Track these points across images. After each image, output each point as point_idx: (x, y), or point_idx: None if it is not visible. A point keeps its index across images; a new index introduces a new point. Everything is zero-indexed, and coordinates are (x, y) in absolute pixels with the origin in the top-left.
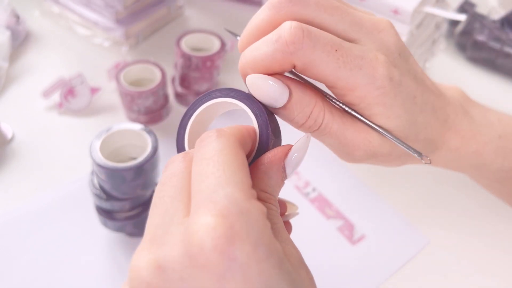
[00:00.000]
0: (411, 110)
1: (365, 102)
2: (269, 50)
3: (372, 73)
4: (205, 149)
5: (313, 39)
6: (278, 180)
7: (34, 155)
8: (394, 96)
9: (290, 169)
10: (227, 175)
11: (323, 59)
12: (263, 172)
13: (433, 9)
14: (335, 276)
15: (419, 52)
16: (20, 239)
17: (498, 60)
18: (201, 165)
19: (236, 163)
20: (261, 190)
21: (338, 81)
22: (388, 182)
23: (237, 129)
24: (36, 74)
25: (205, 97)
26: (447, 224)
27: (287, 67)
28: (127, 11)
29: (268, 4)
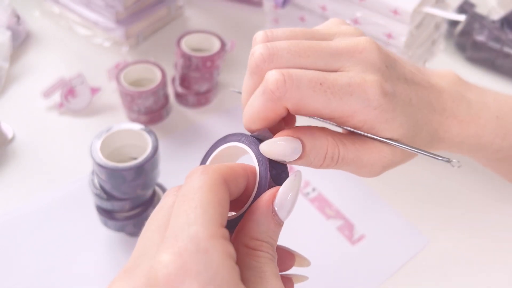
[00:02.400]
0: (410, 113)
1: (368, 124)
2: (260, 103)
3: (364, 96)
4: (187, 186)
5: (295, 80)
6: (270, 226)
7: (34, 155)
8: (393, 109)
9: (284, 212)
10: (197, 214)
11: (311, 95)
12: (252, 219)
13: (432, 9)
14: (335, 276)
15: (419, 52)
16: (21, 239)
17: (497, 60)
18: (179, 202)
19: (211, 201)
20: (251, 238)
21: (333, 112)
22: (388, 182)
23: (227, 167)
24: (37, 74)
25: (221, 140)
26: (447, 224)
27: (281, 112)
28: (127, 11)
29: (248, 71)
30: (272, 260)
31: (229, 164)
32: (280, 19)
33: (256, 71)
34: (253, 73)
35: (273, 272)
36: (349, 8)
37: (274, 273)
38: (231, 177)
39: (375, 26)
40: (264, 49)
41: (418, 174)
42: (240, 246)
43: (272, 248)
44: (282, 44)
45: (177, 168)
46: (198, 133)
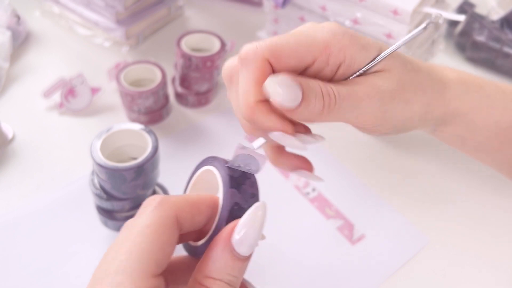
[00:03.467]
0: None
1: (347, 55)
2: (244, 74)
3: (327, 28)
4: (136, 220)
5: (263, 40)
6: (227, 262)
7: (34, 155)
8: (363, 36)
9: (244, 248)
10: (129, 261)
11: (281, 40)
12: (208, 255)
13: (432, 9)
14: (335, 276)
15: (419, 52)
16: (21, 239)
17: (497, 60)
18: (121, 236)
19: (151, 248)
20: (205, 275)
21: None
22: (388, 182)
23: (186, 202)
24: (37, 74)
25: (202, 162)
26: (447, 224)
27: (265, 67)
28: (127, 11)
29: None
30: None
31: (192, 198)
32: (280, 19)
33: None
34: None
35: None
36: (349, 8)
37: None
38: (188, 214)
39: (375, 26)
40: (231, 59)
41: (418, 173)
42: (194, 282)
43: (228, 286)
44: None
45: (177, 168)
46: (198, 133)
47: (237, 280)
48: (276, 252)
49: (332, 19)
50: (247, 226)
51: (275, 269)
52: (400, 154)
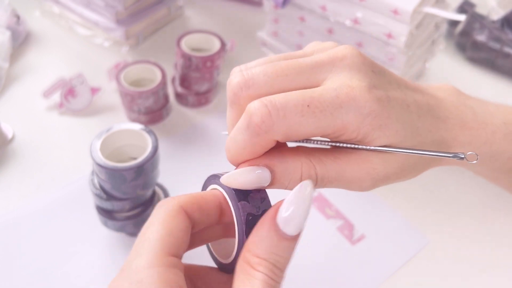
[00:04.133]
0: (409, 119)
1: (361, 134)
2: (246, 138)
3: (354, 104)
4: (149, 218)
5: (280, 109)
6: (273, 242)
7: (34, 155)
8: (387, 115)
9: (291, 227)
10: (143, 249)
11: (300, 121)
12: (255, 234)
13: (432, 9)
14: (335, 276)
15: (419, 52)
16: (21, 239)
17: (497, 60)
18: (140, 234)
19: (161, 235)
20: (252, 254)
21: (326, 130)
22: None
23: (190, 196)
24: (37, 74)
25: (211, 178)
26: (447, 224)
27: (269, 144)
28: (127, 11)
29: (228, 103)
30: (268, 284)
31: (196, 193)
32: (280, 19)
33: (235, 100)
34: (233, 103)
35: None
36: (349, 8)
37: None
38: (194, 206)
39: (375, 26)
40: (240, 77)
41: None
42: (242, 260)
43: (274, 268)
44: (257, 69)
45: (177, 168)
46: (198, 133)
47: (284, 260)
48: None
49: (332, 19)
50: (294, 203)
51: None
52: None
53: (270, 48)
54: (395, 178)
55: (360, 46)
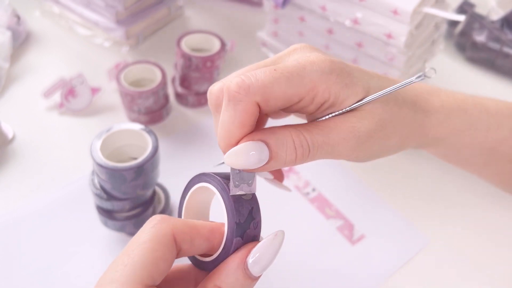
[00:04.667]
0: (371, 80)
1: (332, 92)
2: (230, 112)
3: (316, 66)
4: (136, 236)
5: (251, 76)
6: (238, 279)
7: (34, 155)
8: (348, 73)
9: (257, 268)
10: (124, 272)
11: (272, 81)
12: (222, 267)
13: (432, 10)
14: (335, 276)
15: (419, 53)
16: (21, 239)
17: (497, 60)
18: (123, 250)
19: (145, 261)
20: (215, 285)
21: (299, 90)
22: (388, 182)
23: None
24: (37, 74)
25: (195, 178)
26: (447, 224)
27: (253, 110)
28: (127, 11)
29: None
30: None
31: (193, 223)
32: (280, 19)
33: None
34: (215, 111)
35: None
36: (349, 8)
37: None
38: (186, 235)
39: (375, 26)
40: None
41: (418, 173)
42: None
43: None
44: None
45: (177, 168)
46: (198, 133)
47: None
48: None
49: (332, 19)
50: (262, 249)
51: (275, 269)
52: (400, 154)
53: (270, 48)
54: (378, 136)
55: (360, 46)
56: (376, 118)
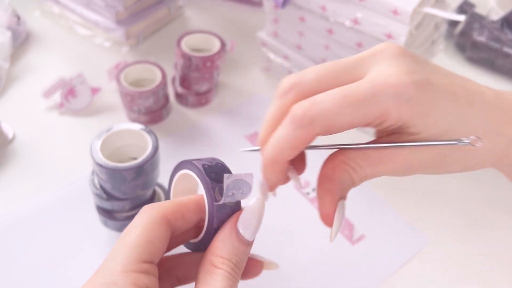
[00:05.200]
0: (455, 107)
1: (402, 120)
2: (289, 132)
3: (392, 91)
4: (131, 223)
5: (319, 102)
6: (234, 244)
7: (34, 155)
8: (428, 101)
9: (248, 232)
10: (121, 252)
11: (339, 112)
12: (218, 238)
13: (432, 10)
14: (335, 276)
15: (419, 53)
16: (21, 239)
17: (497, 60)
18: (120, 236)
19: (141, 241)
20: (215, 255)
21: (365, 118)
22: (388, 182)
23: (174, 204)
24: (37, 74)
25: (178, 166)
26: (447, 224)
27: (311, 138)
28: (127, 11)
29: (276, 96)
30: (228, 278)
31: (179, 201)
32: (280, 19)
33: (283, 94)
34: (280, 96)
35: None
36: (349, 8)
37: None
38: (177, 215)
39: (375, 26)
40: (293, 76)
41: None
42: (205, 263)
43: (234, 266)
44: (307, 70)
45: None
46: (198, 133)
47: (242, 262)
48: (275, 252)
49: (332, 19)
50: (249, 212)
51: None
52: None
53: (270, 48)
54: (432, 167)
55: (360, 46)
56: (430, 153)
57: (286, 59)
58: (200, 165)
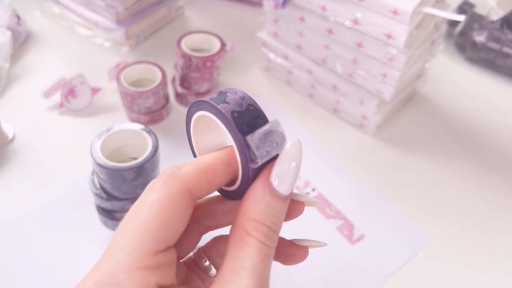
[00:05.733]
0: None
1: None
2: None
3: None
4: (143, 197)
5: None
6: (268, 203)
7: (34, 155)
8: None
9: (283, 186)
10: (131, 239)
11: None
12: (249, 196)
13: (432, 10)
14: (335, 276)
15: (419, 53)
16: (21, 238)
17: (497, 60)
18: (128, 215)
19: (156, 224)
20: (248, 217)
21: None
22: (388, 181)
23: (197, 169)
24: (37, 75)
25: (193, 108)
26: (448, 223)
27: None
28: (127, 11)
29: None
30: (262, 252)
31: (206, 163)
32: (280, 19)
33: None
34: None
35: (253, 269)
36: (349, 9)
37: (254, 270)
38: (203, 183)
39: (375, 26)
40: None
41: (418, 173)
42: (237, 226)
43: (269, 231)
44: None
45: None
46: None
47: (278, 221)
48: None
49: (332, 19)
50: (284, 163)
51: (274, 269)
52: (400, 154)
53: (270, 49)
54: None
55: (360, 46)
56: None
57: (286, 59)
58: (228, 112)
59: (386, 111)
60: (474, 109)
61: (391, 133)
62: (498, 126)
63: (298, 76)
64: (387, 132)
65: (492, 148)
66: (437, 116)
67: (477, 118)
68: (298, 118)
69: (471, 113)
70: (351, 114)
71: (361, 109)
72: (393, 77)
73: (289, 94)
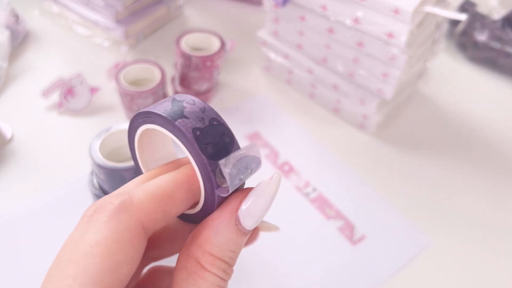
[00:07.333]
0: None
1: None
2: None
3: None
4: (85, 235)
5: None
6: (230, 237)
7: (33, 155)
8: None
9: (250, 220)
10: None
11: None
12: (207, 225)
13: (433, 9)
14: (335, 276)
15: (420, 52)
16: (20, 239)
17: (498, 60)
18: (65, 260)
19: (101, 269)
20: (205, 251)
21: None
22: (389, 182)
23: (153, 197)
24: (36, 74)
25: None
26: (450, 224)
27: None
28: (127, 10)
29: None
30: (217, 285)
31: (163, 191)
32: (280, 18)
33: None
34: None
35: None
36: (350, 8)
37: None
38: (159, 214)
39: (376, 25)
40: None
41: (419, 173)
42: (189, 258)
43: (227, 266)
44: None
45: None
46: None
47: (236, 256)
48: (275, 253)
49: (333, 18)
50: (258, 198)
51: (275, 270)
52: (402, 154)
53: (270, 48)
54: None
55: (360, 45)
56: None
57: (286, 58)
58: (188, 130)
59: (387, 111)
60: (476, 108)
61: (392, 133)
62: (500, 125)
63: (298, 76)
64: (388, 132)
65: (494, 148)
66: (438, 115)
67: (479, 117)
68: (299, 118)
69: (473, 112)
70: (352, 114)
71: (362, 108)
72: (394, 76)
73: (289, 94)
